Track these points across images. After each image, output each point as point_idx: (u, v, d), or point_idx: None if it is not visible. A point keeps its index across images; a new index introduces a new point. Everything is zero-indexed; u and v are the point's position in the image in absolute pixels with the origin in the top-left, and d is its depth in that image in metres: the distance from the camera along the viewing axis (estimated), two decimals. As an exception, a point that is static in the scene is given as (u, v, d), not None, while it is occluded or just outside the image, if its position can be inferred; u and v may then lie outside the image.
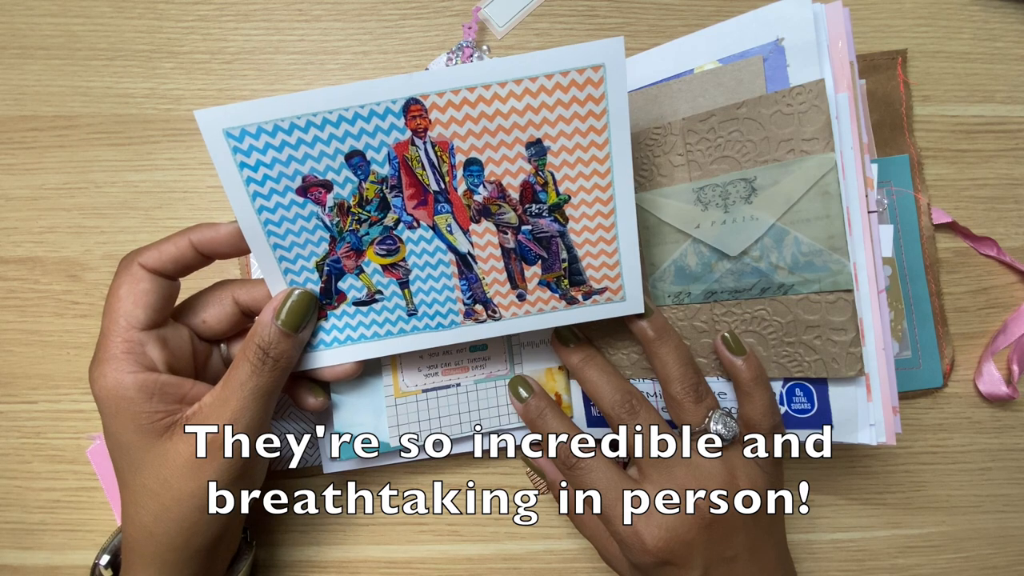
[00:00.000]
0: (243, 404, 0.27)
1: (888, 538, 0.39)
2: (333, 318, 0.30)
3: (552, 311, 0.31)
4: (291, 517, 0.38)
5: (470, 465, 0.38)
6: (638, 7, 0.40)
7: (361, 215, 0.28)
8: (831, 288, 0.28)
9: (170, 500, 0.27)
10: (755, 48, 0.29)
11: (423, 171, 0.28)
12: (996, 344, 0.38)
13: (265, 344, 0.27)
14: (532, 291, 0.30)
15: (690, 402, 0.30)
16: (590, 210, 0.28)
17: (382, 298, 0.30)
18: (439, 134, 0.27)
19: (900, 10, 0.40)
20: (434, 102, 0.26)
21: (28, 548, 0.37)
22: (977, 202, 0.39)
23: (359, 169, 0.27)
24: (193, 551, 0.28)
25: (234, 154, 0.26)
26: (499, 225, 0.29)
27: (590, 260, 0.29)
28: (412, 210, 0.28)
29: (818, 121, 0.28)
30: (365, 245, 0.29)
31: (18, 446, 0.38)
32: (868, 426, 0.29)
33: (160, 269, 0.28)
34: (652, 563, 0.29)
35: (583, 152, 0.27)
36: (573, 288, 0.30)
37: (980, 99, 0.39)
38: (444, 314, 0.30)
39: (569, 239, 0.29)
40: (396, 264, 0.29)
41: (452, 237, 0.29)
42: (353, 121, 0.26)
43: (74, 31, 0.39)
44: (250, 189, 0.27)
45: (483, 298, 0.30)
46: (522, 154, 0.27)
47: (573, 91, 0.26)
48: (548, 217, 0.29)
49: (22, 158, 0.38)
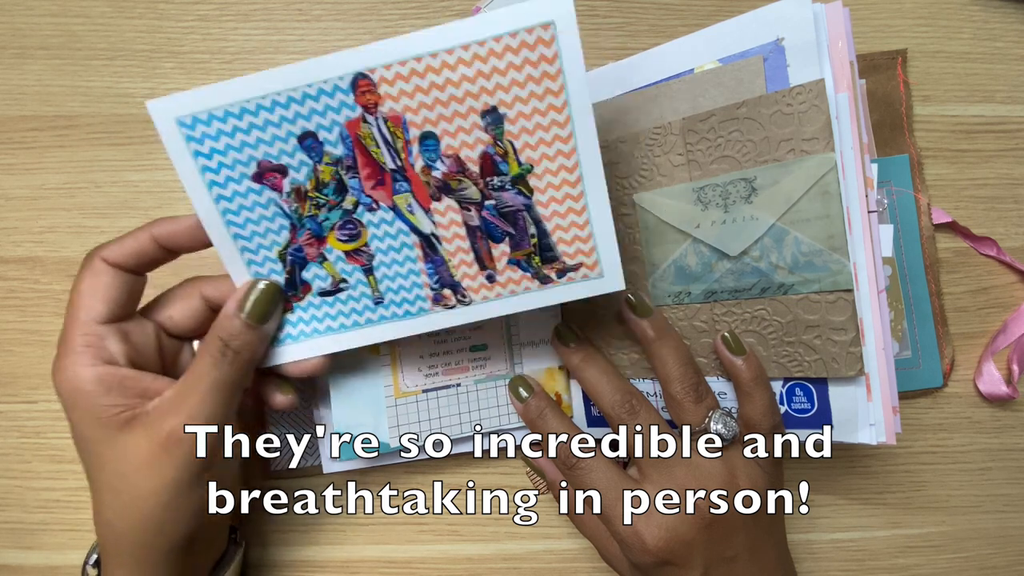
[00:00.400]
0: (202, 398, 0.26)
1: (888, 538, 0.39)
2: (299, 310, 0.29)
3: (525, 292, 0.29)
4: (291, 517, 0.38)
5: (470, 465, 0.38)
6: (638, 7, 0.40)
7: (319, 199, 0.28)
8: (831, 288, 0.28)
9: (130, 497, 0.26)
10: (755, 48, 0.29)
11: (377, 149, 0.27)
12: (996, 344, 0.38)
13: (227, 336, 0.27)
14: (502, 271, 0.29)
15: (690, 402, 0.30)
16: (555, 179, 0.27)
17: (347, 287, 0.29)
18: (390, 109, 0.26)
19: (900, 10, 0.40)
20: (382, 76, 0.25)
21: (28, 548, 0.37)
22: (977, 202, 0.39)
23: (312, 151, 0.27)
24: (162, 551, 0.27)
25: (188, 143, 0.26)
26: (461, 201, 0.28)
27: (560, 234, 0.28)
28: (370, 191, 0.28)
29: (818, 121, 0.28)
30: (326, 231, 0.28)
31: (18, 446, 0.38)
32: (868, 426, 0.29)
33: (121, 263, 0.27)
34: (652, 563, 0.29)
35: (541, 117, 0.26)
36: (545, 266, 0.28)
37: (980, 99, 0.39)
38: (412, 300, 0.29)
39: (536, 212, 0.28)
40: (359, 250, 0.29)
41: (413, 217, 0.28)
42: (302, 101, 0.26)
43: (74, 31, 0.39)
44: (206, 178, 0.27)
45: (451, 281, 0.29)
46: (478, 124, 0.26)
47: (524, 52, 0.25)
48: (512, 190, 0.27)
49: (22, 158, 0.38)
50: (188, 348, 0.31)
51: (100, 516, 0.27)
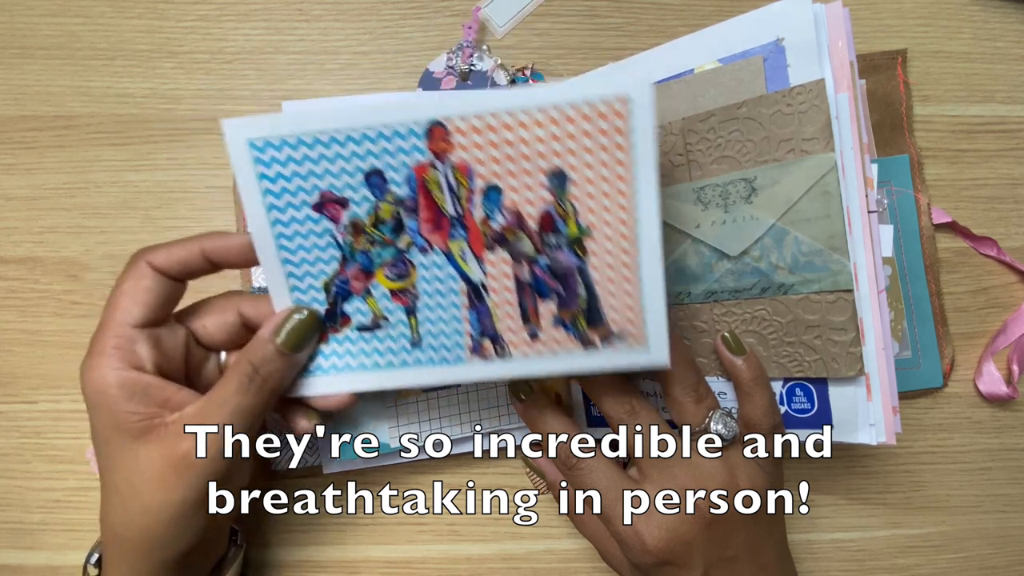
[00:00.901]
0: (223, 423, 0.26)
1: (888, 538, 0.39)
2: (334, 343, 0.29)
3: (566, 354, 0.28)
4: (291, 517, 0.38)
5: (470, 465, 0.38)
6: (638, 7, 0.40)
7: (375, 236, 0.28)
8: (831, 288, 0.28)
9: (137, 507, 0.26)
10: (755, 48, 0.29)
11: (441, 195, 0.27)
12: (996, 344, 0.38)
13: (257, 361, 0.27)
14: (545, 329, 0.29)
15: (690, 402, 0.30)
16: (611, 245, 0.27)
17: (387, 325, 0.29)
18: (460, 158, 0.26)
19: (900, 10, 0.40)
20: (457, 126, 0.26)
21: (28, 548, 0.37)
22: (977, 202, 0.39)
23: (377, 188, 0.27)
24: (161, 562, 0.27)
25: (255, 164, 0.26)
26: (515, 255, 0.28)
27: (610, 300, 0.28)
28: (427, 234, 0.28)
29: (818, 121, 0.28)
30: (375, 267, 0.28)
31: (18, 446, 0.38)
32: (868, 426, 0.29)
33: (166, 269, 0.27)
34: (652, 563, 0.29)
35: (606, 184, 0.26)
36: (591, 329, 0.28)
37: (980, 99, 0.39)
38: (449, 347, 0.29)
39: (588, 275, 0.28)
40: (405, 289, 0.29)
41: (465, 265, 0.28)
42: (376, 140, 0.26)
43: (74, 31, 0.39)
44: (267, 201, 0.27)
45: (492, 333, 0.29)
46: (543, 183, 0.27)
47: (599, 122, 0.25)
48: (566, 250, 0.27)
49: (22, 158, 0.38)
50: (214, 359, 0.31)
51: (106, 518, 0.27)
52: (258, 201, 0.27)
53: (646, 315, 0.27)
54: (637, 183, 0.26)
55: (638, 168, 0.26)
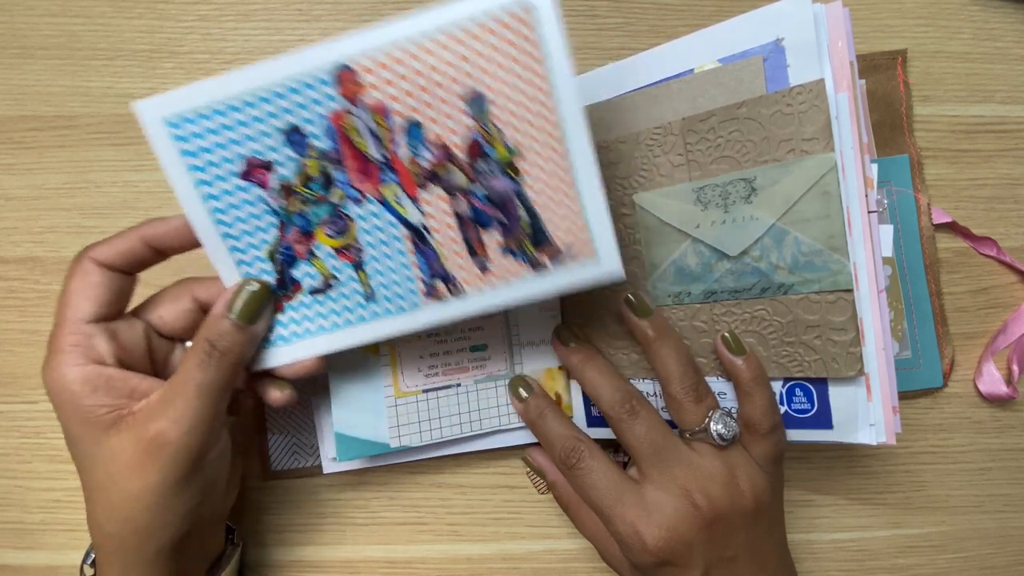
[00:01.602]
0: (188, 401, 0.26)
1: (888, 538, 0.39)
2: (290, 310, 0.29)
3: (519, 281, 0.28)
4: (290, 517, 0.38)
5: (470, 465, 0.38)
6: (638, 7, 0.40)
7: (306, 195, 0.27)
8: (831, 288, 0.28)
9: (118, 499, 0.26)
10: (755, 48, 0.29)
11: (362, 140, 0.27)
12: (996, 344, 0.38)
13: (214, 337, 0.27)
14: (494, 260, 0.28)
15: (690, 402, 0.30)
16: (543, 161, 0.26)
17: (338, 284, 0.29)
18: (374, 99, 0.26)
19: (900, 10, 0.40)
20: (364, 65, 0.25)
21: (28, 548, 0.37)
22: (977, 202, 0.39)
23: (298, 145, 0.27)
24: (151, 553, 0.27)
25: (175, 142, 0.26)
26: (449, 190, 0.27)
27: (552, 218, 0.27)
28: (357, 183, 0.27)
29: (818, 121, 0.28)
30: (314, 227, 0.28)
31: (18, 446, 0.38)
32: (868, 426, 0.29)
33: (111, 263, 0.28)
34: (652, 563, 0.29)
35: (526, 99, 0.26)
36: (538, 251, 0.27)
37: (980, 99, 0.39)
38: (404, 295, 0.29)
39: (526, 196, 0.27)
40: (348, 245, 0.28)
41: (402, 208, 0.28)
42: (286, 95, 0.26)
43: (74, 31, 0.39)
44: (194, 177, 0.27)
45: (443, 273, 0.28)
46: (462, 109, 0.26)
47: (505, 34, 0.25)
48: (500, 175, 0.27)
49: (22, 158, 0.38)
50: (179, 349, 0.31)
51: (91, 517, 0.27)
52: (185, 179, 0.27)
53: (591, 226, 0.27)
54: (557, 93, 0.25)
55: (555, 78, 0.25)
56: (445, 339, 0.35)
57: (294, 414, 0.38)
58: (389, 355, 0.34)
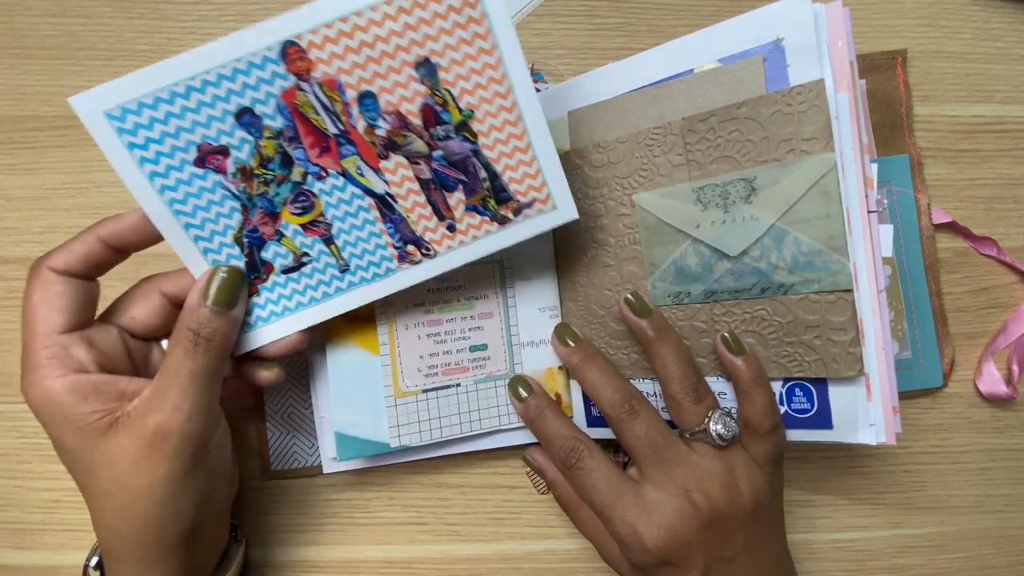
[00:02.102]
0: (182, 390, 0.26)
1: (888, 538, 0.39)
2: (265, 292, 0.29)
3: (486, 235, 0.29)
4: (290, 517, 0.38)
5: (470, 465, 0.38)
6: (638, 7, 0.40)
7: (266, 176, 0.27)
8: (831, 288, 0.28)
9: (127, 499, 0.26)
10: (755, 48, 0.29)
11: (317, 116, 0.27)
12: (996, 344, 0.38)
13: (196, 326, 0.27)
14: (461, 219, 0.29)
15: (690, 402, 0.30)
16: (496, 121, 0.27)
17: (310, 260, 0.29)
18: (324, 73, 0.26)
19: (900, 10, 0.40)
20: (311, 40, 0.25)
21: (28, 548, 0.37)
22: (977, 202, 0.39)
23: (251, 127, 0.26)
24: (166, 547, 0.27)
25: (120, 136, 0.26)
26: (409, 156, 0.28)
27: (510, 173, 0.28)
28: (316, 159, 0.27)
29: (818, 121, 0.28)
30: (278, 207, 0.28)
31: (18, 446, 0.38)
32: (868, 426, 0.29)
33: (70, 270, 0.27)
34: (652, 563, 0.29)
35: (474, 62, 0.26)
36: (501, 206, 0.29)
37: (980, 99, 0.39)
38: (377, 263, 0.29)
39: (483, 156, 0.28)
40: (315, 221, 0.28)
41: (364, 179, 0.28)
42: (233, 77, 0.25)
43: (74, 31, 0.39)
44: (145, 170, 0.26)
45: (413, 237, 0.29)
46: (413, 76, 0.26)
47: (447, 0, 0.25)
48: (456, 137, 0.27)
49: (22, 158, 0.38)
50: (157, 348, 0.30)
51: (100, 521, 0.27)
52: (136, 172, 0.26)
53: (546, 178, 0.28)
54: (499, 51, 0.26)
55: (497, 36, 0.26)
56: (445, 339, 0.35)
57: (295, 414, 0.38)
58: (389, 355, 0.34)
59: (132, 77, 0.25)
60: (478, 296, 0.35)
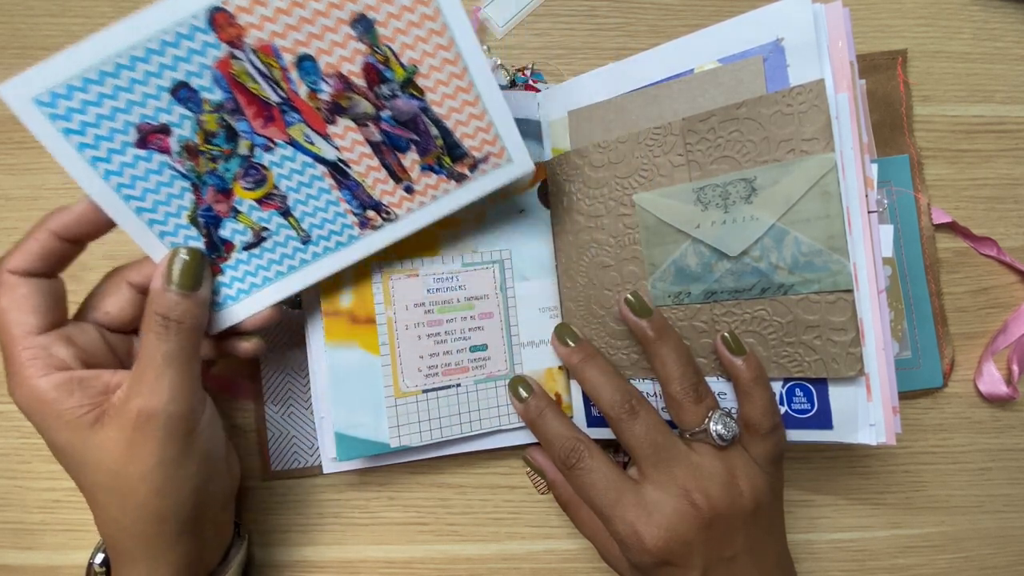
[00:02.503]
0: (158, 373, 0.26)
1: (888, 538, 0.39)
2: (229, 270, 0.29)
3: (445, 194, 0.29)
4: (290, 517, 0.38)
5: (470, 465, 0.38)
6: (638, 7, 0.40)
7: (212, 151, 0.26)
8: (831, 288, 0.28)
9: (125, 489, 0.26)
10: (755, 48, 0.29)
11: (256, 84, 0.26)
12: (996, 344, 0.38)
13: (164, 310, 0.26)
14: (418, 180, 0.28)
15: (690, 402, 0.30)
16: (442, 75, 0.26)
17: (270, 234, 0.28)
18: (257, 39, 0.25)
19: (900, 10, 0.40)
20: (238, 5, 0.24)
21: (28, 548, 0.37)
22: (977, 202, 0.39)
23: (190, 102, 0.25)
24: (170, 538, 0.27)
25: (53, 121, 0.25)
26: (357, 119, 0.27)
27: (462, 129, 0.27)
28: (261, 130, 0.26)
29: (818, 121, 0.28)
30: (230, 183, 0.27)
31: (18, 446, 0.38)
32: (868, 426, 0.29)
33: (31, 269, 0.27)
34: (652, 563, 0.29)
35: (411, 14, 0.25)
36: (457, 163, 0.28)
37: (980, 99, 0.39)
38: (339, 231, 0.29)
39: (433, 112, 0.27)
40: (269, 194, 0.28)
41: (314, 147, 0.27)
42: (162, 51, 0.24)
43: (74, 31, 0.39)
44: (86, 155, 0.25)
45: (371, 202, 0.28)
46: (350, 35, 0.25)
47: None
48: (403, 95, 0.26)
49: (22, 158, 0.38)
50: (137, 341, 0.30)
51: (103, 516, 0.27)
52: (76, 158, 0.25)
53: (499, 132, 0.28)
54: (436, 2, 0.25)
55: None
56: (445, 339, 0.35)
57: (295, 414, 0.38)
58: (389, 355, 0.34)
59: (57, 59, 0.24)
60: (478, 296, 0.35)
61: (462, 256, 0.35)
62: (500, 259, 0.36)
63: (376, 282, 0.34)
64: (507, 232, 0.36)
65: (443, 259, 0.35)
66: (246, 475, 0.37)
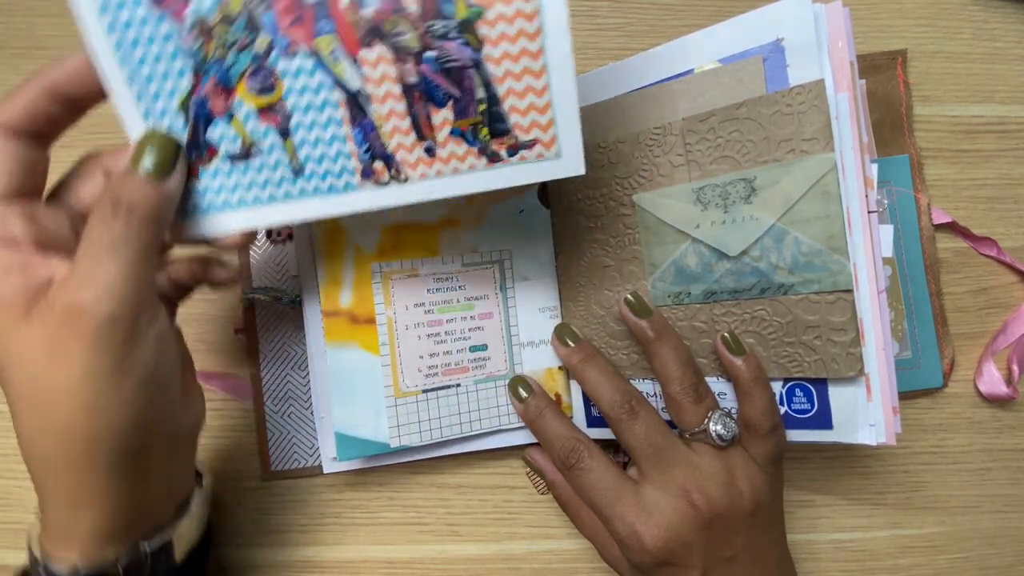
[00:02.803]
0: (94, 263, 0.22)
1: (888, 538, 0.39)
2: (206, 177, 0.25)
3: (470, 171, 0.24)
4: (290, 517, 0.38)
5: (470, 465, 0.38)
6: (638, 7, 0.40)
7: (226, 37, 0.23)
8: (831, 288, 0.28)
9: (46, 403, 0.22)
10: (755, 48, 0.29)
11: None
12: (996, 344, 0.38)
13: (115, 194, 0.23)
14: (444, 143, 0.24)
15: (690, 402, 0.30)
16: (511, 29, 0.22)
17: (260, 152, 0.25)
18: None
19: (900, 10, 0.40)
20: None
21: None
22: (977, 202, 0.39)
23: None
24: (102, 469, 0.23)
25: None
26: (396, 50, 0.23)
27: (514, 101, 0.23)
28: (287, 29, 0.23)
29: (818, 121, 0.28)
30: (234, 79, 0.24)
31: (19, 446, 0.38)
32: (868, 426, 0.29)
33: (15, 124, 0.23)
34: (651, 563, 0.29)
35: None
36: (494, 140, 0.24)
37: (980, 99, 0.39)
38: (337, 173, 0.25)
39: (486, 70, 0.23)
40: (273, 106, 0.24)
41: (338, 67, 0.23)
42: None
43: (74, 31, 0.39)
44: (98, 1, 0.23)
45: (383, 152, 0.24)
46: None
47: None
48: (458, 39, 0.22)
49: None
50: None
51: (21, 438, 0.23)
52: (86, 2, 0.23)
53: (557, 117, 0.23)
54: None
55: None
56: (445, 339, 0.35)
57: (295, 414, 0.38)
58: (389, 355, 0.34)
59: None
60: (478, 296, 0.35)
61: (462, 256, 0.35)
62: (500, 259, 0.36)
63: (376, 282, 0.34)
64: (507, 232, 0.36)
65: (443, 259, 0.35)
66: (246, 475, 0.37)
